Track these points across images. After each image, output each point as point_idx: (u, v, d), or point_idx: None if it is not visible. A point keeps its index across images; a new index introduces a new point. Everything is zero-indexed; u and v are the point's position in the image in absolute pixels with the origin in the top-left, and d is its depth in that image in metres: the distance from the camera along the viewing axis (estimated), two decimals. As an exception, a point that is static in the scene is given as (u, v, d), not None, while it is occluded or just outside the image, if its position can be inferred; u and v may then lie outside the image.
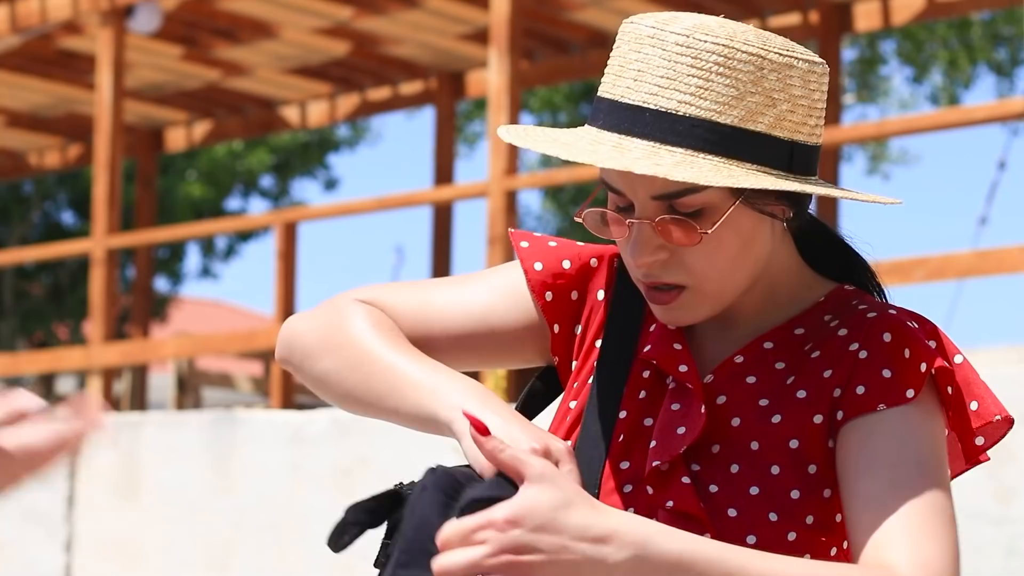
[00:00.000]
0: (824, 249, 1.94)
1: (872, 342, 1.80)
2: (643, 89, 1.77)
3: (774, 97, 1.77)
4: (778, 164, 1.78)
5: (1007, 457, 5.98)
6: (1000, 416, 1.82)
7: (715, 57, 1.76)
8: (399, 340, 1.89)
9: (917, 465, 1.74)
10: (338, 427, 7.91)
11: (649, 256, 1.80)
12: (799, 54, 1.80)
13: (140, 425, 8.96)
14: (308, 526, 8.02)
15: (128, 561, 8.83)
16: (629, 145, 1.76)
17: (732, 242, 1.79)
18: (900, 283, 7.61)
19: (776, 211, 1.81)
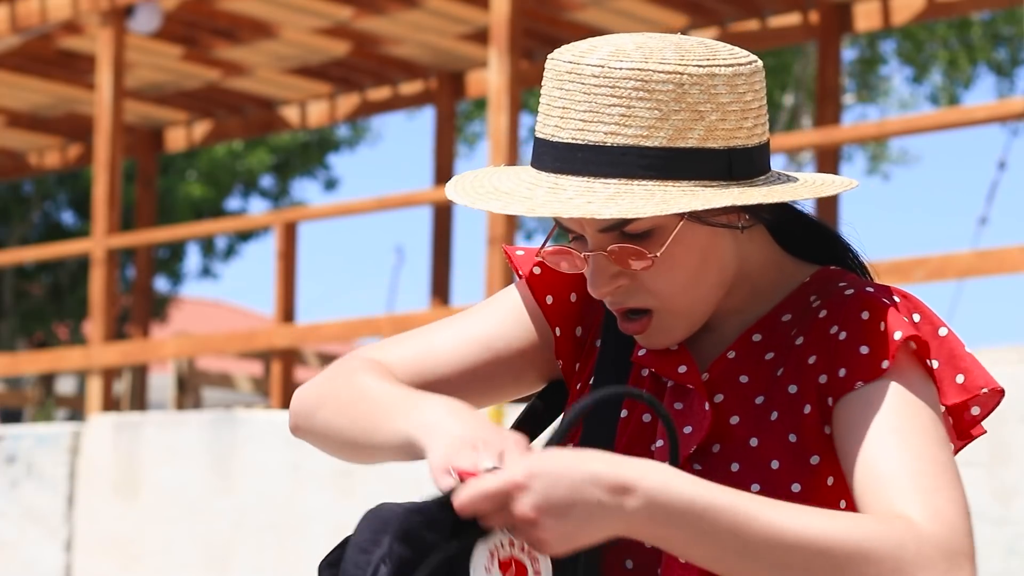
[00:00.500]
0: (804, 235, 1.94)
1: (850, 322, 1.80)
2: (570, 126, 1.77)
3: (700, 110, 1.76)
4: (717, 175, 1.76)
5: (1007, 457, 5.98)
6: (988, 388, 1.81)
7: (632, 83, 1.75)
8: (388, 378, 1.88)
9: (912, 426, 1.74)
10: (338, 427, 7.92)
11: (607, 285, 1.80)
12: (721, 60, 1.78)
13: (140, 425, 8.96)
14: (308, 526, 8.02)
15: (128, 561, 8.83)
16: (564, 184, 1.77)
17: (688, 258, 1.79)
18: (900, 283, 7.61)
19: (728, 220, 1.81)
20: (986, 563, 5.97)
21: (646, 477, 1.62)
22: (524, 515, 1.60)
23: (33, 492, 9.20)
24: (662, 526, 1.63)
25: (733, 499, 1.64)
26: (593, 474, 1.61)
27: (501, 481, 1.60)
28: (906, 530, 1.65)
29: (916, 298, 1.84)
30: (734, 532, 1.63)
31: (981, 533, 5.99)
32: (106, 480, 8.97)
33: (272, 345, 10.04)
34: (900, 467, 1.71)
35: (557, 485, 1.60)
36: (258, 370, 18.09)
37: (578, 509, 1.61)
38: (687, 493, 1.63)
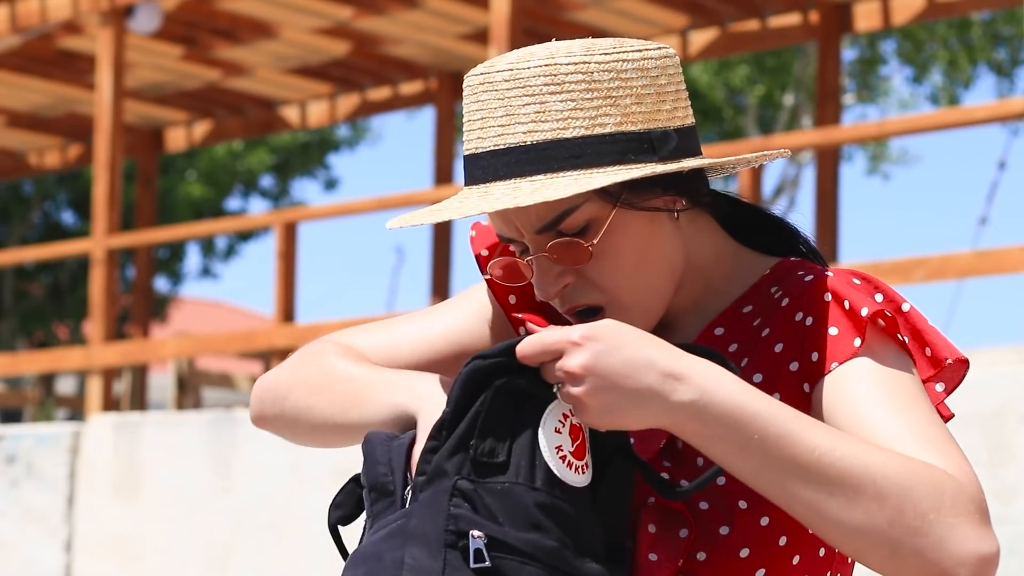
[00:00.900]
0: (755, 227, 1.95)
1: (814, 307, 1.81)
2: (490, 134, 1.79)
3: (613, 96, 1.78)
4: (640, 157, 1.78)
5: (1007, 457, 5.98)
6: (952, 359, 1.81)
7: (542, 79, 1.77)
8: (363, 360, 1.90)
9: (898, 394, 1.74)
10: (338, 427, 7.92)
11: (554, 286, 1.81)
12: (629, 48, 1.80)
13: (140, 425, 8.96)
14: (308, 526, 8.02)
15: (128, 561, 8.83)
16: (492, 189, 1.78)
17: (629, 247, 1.80)
18: (900, 283, 7.60)
19: (661, 204, 1.82)
20: (986, 563, 5.97)
21: (702, 373, 1.64)
22: (571, 370, 1.62)
23: (33, 492, 9.20)
24: (707, 424, 1.63)
25: (786, 412, 1.65)
26: (649, 356, 1.63)
27: (560, 336, 1.62)
28: (946, 477, 1.65)
29: (875, 278, 1.84)
30: (781, 445, 1.63)
31: (981, 533, 5.99)
32: (106, 480, 8.97)
33: (272, 345, 10.04)
34: (904, 433, 1.71)
35: (612, 354, 1.62)
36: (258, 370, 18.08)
37: (627, 384, 1.62)
38: (742, 396, 1.64)
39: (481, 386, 1.65)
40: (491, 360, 1.65)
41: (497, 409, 1.65)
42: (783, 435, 1.63)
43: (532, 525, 1.63)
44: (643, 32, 11.06)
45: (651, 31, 11.07)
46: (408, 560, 1.62)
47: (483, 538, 1.62)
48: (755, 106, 21.42)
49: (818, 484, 1.63)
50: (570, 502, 1.66)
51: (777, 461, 1.63)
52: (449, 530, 1.62)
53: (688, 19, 10.94)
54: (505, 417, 1.65)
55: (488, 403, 1.65)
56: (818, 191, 10.52)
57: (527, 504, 1.63)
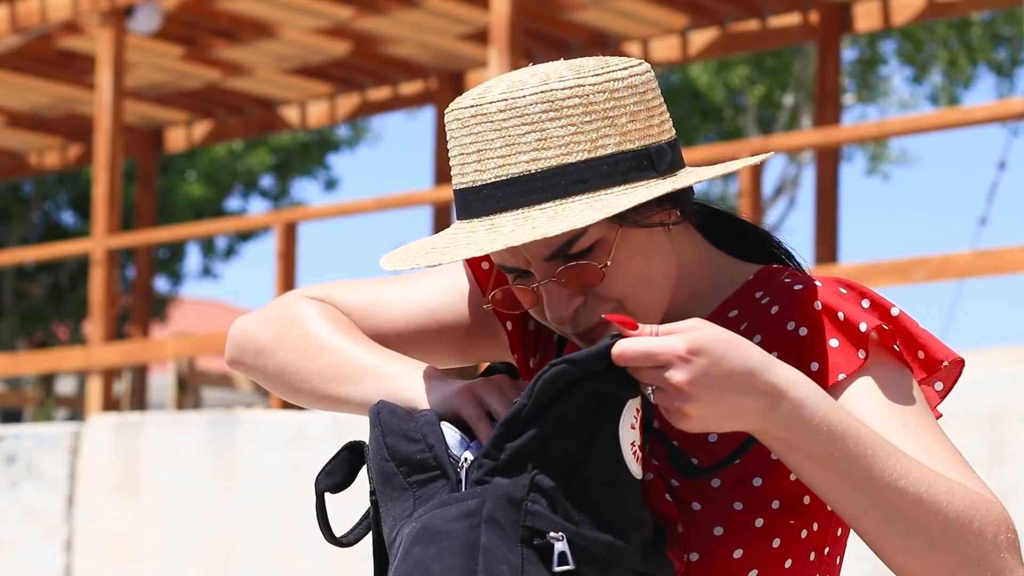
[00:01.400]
0: (734, 235, 1.96)
1: (807, 317, 1.82)
2: (490, 166, 1.78)
3: (610, 116, 1.78)
4: (642, 174, 1.79)
5: (1007, 457, 5.97)
6: (948, 360, 1.83)
7: (539, 107, 1.77)
8: (353, 330, 1.91)
9: (919, 419, 1.77)
10: (338, 427, 7.91)
11: (567, 309, 1.81)
12: (615, 66, 1.80)
13: (140, 425, 8.96)
14: (308, 526, 8.02)
15: (128, 561, 8.83)
16: (500, 222, 1.77)
17: (634, 263, 1.81)
18: (900, 283, 7.61)
19: (661, 218, 1.82)
20: (986, 563, 5.97)
21: (797, 386, 1.66)
22: (679, 385, 1.63)
23: (33, 492, 9.20)
24: (797, 435, 1.66)
25: (870, 435, 1.68)
26: (751, 369, 1.65)
27: (666, 347, 1.63)
28: (1000, 511, 1.70)
29: (860, 285, 1.86)
30: (862, 465, 1.67)
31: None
32: (106, 480, 8.97)
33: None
34: (933, 460, 1.74)
35: (717, 367, 1.63)
36: (258, 370, 18.06)
37: (728, 398, 1.64)
38: (831, 415, 1.67)
39: (567, 387, 1.65)
40: (582, 367, 1.64)
41: (579, 409, 1.65)
42: (864, 456, 1.67)
43: (606, 524, 1.64)
44: (643, 32, 11.06)
45: (651, 31, 11.07)
46: (485, 542, 1.62)
47: (563, 540, 1.62)
48: (755, 106, 21.42)
49: (889, 507, 1.67)
50: (637, 496, 1.68)
51: (854, 481, 1.67)
52: (525, 525, 1.63)
53: (688, 19, 10.93)
54: (585, 417, 1.65)
55: (572, 403, 1.65)
56: (818, 191, 10.51)
57: (601, 504, 1.64)
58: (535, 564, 1.63)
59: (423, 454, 1.70)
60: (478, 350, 2.01)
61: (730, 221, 1.97)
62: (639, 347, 1.64)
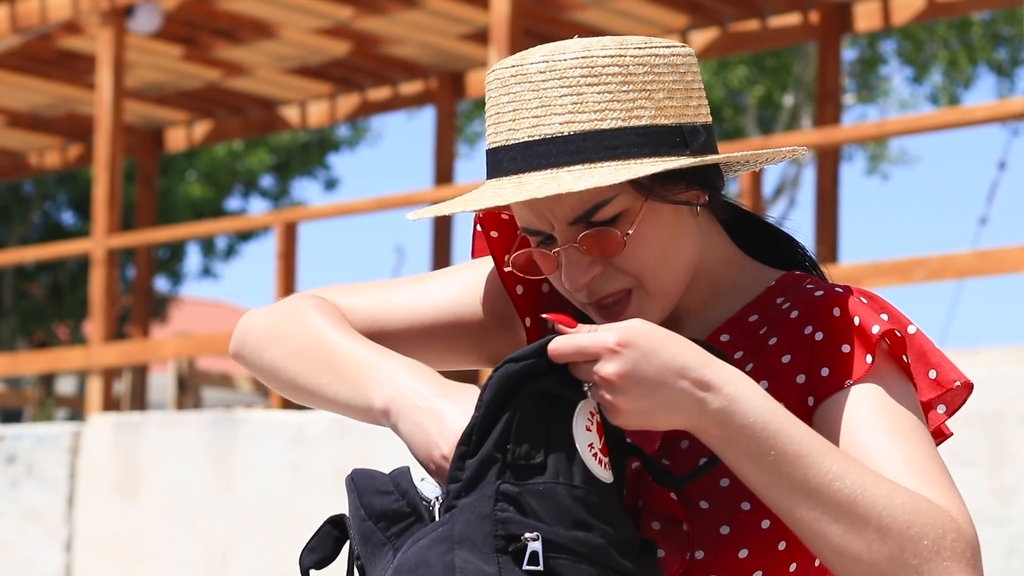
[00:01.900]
0: (763, 240, 1.97)
1: (825, 322, 1.82)
2: (524, 125, 1.79)
3: (648, 89, 1.79)
4: (672, 150, 1.79)
5: (1007, 457, 5.98)
6: (960, 382, 1.83)
7: (579, 71, 1.78)
8: (346, 327, 1.88)
9: (903, 424, 1.76)
10: (338, 427, 7.91)
11: (584, 275, 1.82)
12: (658, 44, 1.82)
13: (140, 425, 8.96)
14: (308, 526, 8.02)
15: (128, 561, 8.83)
16: (528, 179, 1.78)
17: (656, 237, 1.81)
18: (900, 283, 7.61)
19: (689, 198, 1.83)
20: (986, 563, 5.96)
21: (732, 383, 1.67)
22: (608, 377, 1.64)
23: (33, 492, 9.20)
24: (732, 432, 1.67)
25: (807, 434, 1.68)
26: (684, 365, 1.66)
27: (594, 341, 1.64)
28: (949, 520, 1.68)
29: (881, 298, 1.86)
30: (797, 465, 1.67)
31: (981, 533, 5.99)
32: (106, 480, 8.97)
33: (272, 345, 10.02)
34: (902, 466, 1.73)
35: (648, 360, 1.65)
36: (258, 370, 18.05)
37: (660, 392, 1.65)
38: (766, 412, 1.67)
39: (513, 389, 1.65)
40: (523, 363, 1.65)
41: (530, 411, 1.66)
42: (800, 455, 1.67)
43: (577, 524, 1.64)
44: (643, 32, 11.06)
45: (651, 31, 11.06)
46: (459, 563, 1.61)
47: (538, 539, 1.62)
48: (755, 106, 21.42)
49: (825, 507, 1.66)
50: (605, 499, 1.67)
51: (789, 479, 1.67)
52: (498, 535, 1.62)
53: (688, 19, 10.94)
54: (538, 419, 1.66)
55: (521, 405, 1.65)
56: (818, 191, 10.52)
57: (569, 504, 1.64)
58: (512, 571, 1.62)
59: (397, 503, 1.70)
60: (494, 347, 2.00)
61: (757, 224, 1.97)
62: (571, 342, 1.65)
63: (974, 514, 5.97)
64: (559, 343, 1.66)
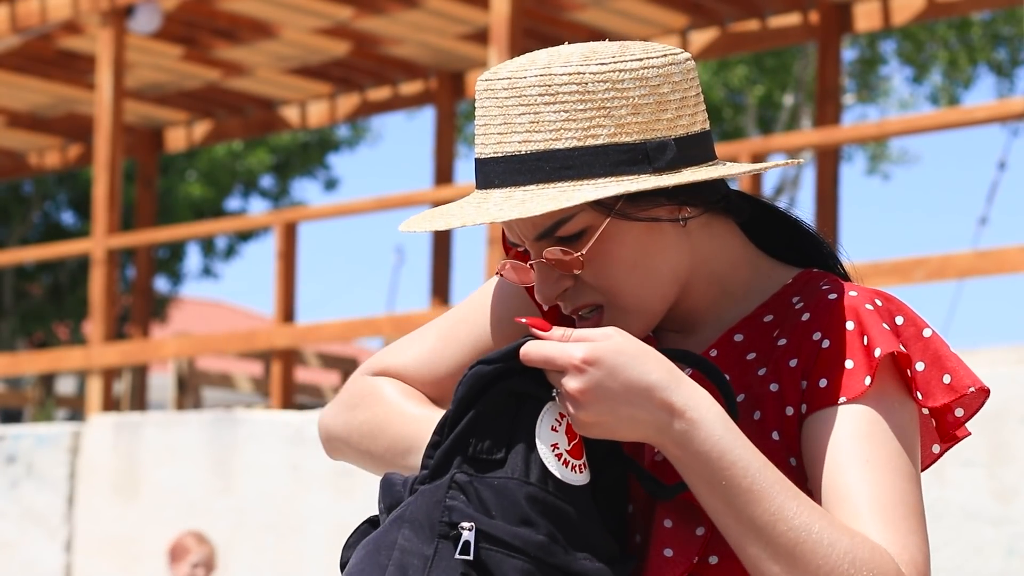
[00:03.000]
0: (783, 237, 1.95)
1: (833, 330, 1.81)
2: (490, 141, 1.81)
3: (607, 107, 1.78)
4: (633, 168, 1.78)
5: (1007, 457, 5.98)
6: (975, 387, 1.81)
7: (536, 89, 1.78)
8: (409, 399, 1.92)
9: (887, 458, 1.75)
10: (338, 427, 7.91)
11: (553, 289, 1.83)
12: (630, 56, 1.79)
13: (140, 425, 8.96)
14: (308, 526, 8.02)
15: (128, 561, 8.83)
16: (490, 196, 1.80)
17: (621, 255, 1.81)
18: (900, 283, 7.61)
19: (665, 213, 1.82)
20: (986, 563, 5.97)
21: (696, 407, 1.69)
22: (571, 393, 1.67)
23: (33, 492, 9.20)
24: (689, 456, 1.69)
25: (761, 470, 1.68)
26: (650, 385, 1.67)
27: (562, 354, 1.67)
28: (893, 570, 1.68)
29: (898, 300, 1.84)
30: (745, 499, 1.68)
31: (981, 533, 5.99)
32: (106, 480, 8.97)
33: (272, 345, 10.04)
34: (871, 503, 1.73)
35: (613, 378, 1.67)
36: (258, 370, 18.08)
37: (623, 410, 1.67)
38: (724, 442, 1.68)
39: (484, 387, 1.70)
40: (494, 366, 1.70)
41: (496, 408, 1.70)
42: (750, 490, 1.68)
43: (523, 519, 1.67)
44: (643, 32, 11.06)
45: (651, 31, 11.07)
46: (401, 541, 1.68)
47: (472, 530, 1.66)
48: (755, 106, 21.42)
49: (766, 547, 1.68)
50: (568, 499, 1.69)
51: (736, 512, 1.68)
52: (443, 521, 1.68)
53: (688, 19, 10.94)
54: (504, 416, 1.70)
55: (487, 402, 1.70)
56: (818, 191, 10.52)
57: (519, 499, 1.68)
58: (446, 559, 1.67)
59: (399, 493, 1.76)
60: None
61: (780, 221, 1.95)
62: (541, 351, 1.68)
63: (974, 514, 5.97)
64: (529, 349, 1.69)
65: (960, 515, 6.00)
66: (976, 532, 5.97)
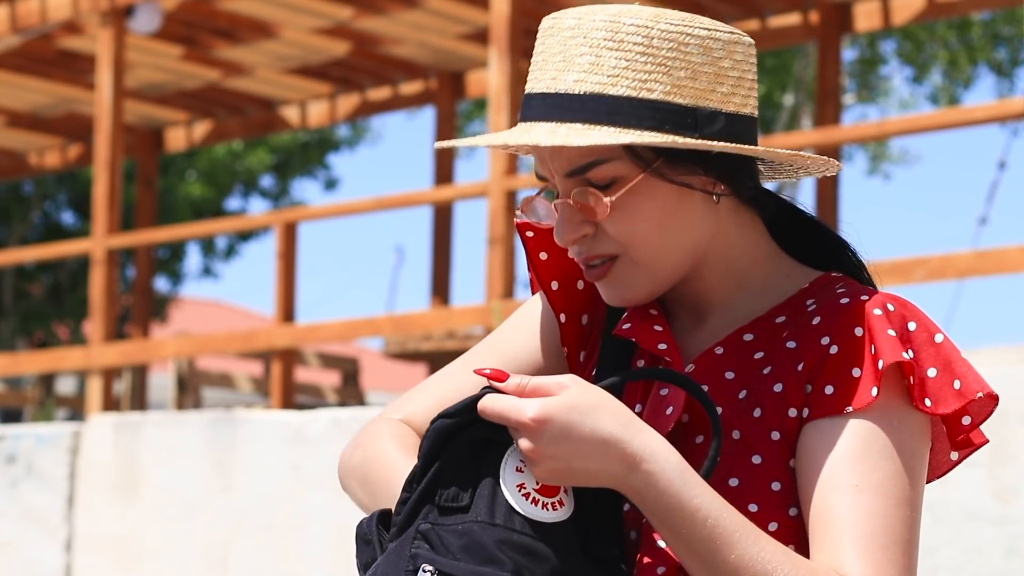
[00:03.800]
0: (807, 239, 1.95)
1: (842, 337, 1.80)
2: (546, 76, 1.83)
3: (668, 65, 1.79)
4: (679, 130, 1.79)
5: (1007, 457, 5.98)
6: (983, 393, 1.80)
7: (603, 33, 1.80)
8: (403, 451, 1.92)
9: (879, 483, 1.74)
10: (338, 427, 7.91)
11: (573, 233, 1.84)
12: (698, 24, 1.82)
13: (140, 425, 8.96)
14: (308, 526, 8.02)
15: (128, 561, 8.83)
16: (534, 128, 1.82)
17: (650, 211, 1.81)
18: (900, 283, 7.60)
19: (694, 182, 1.82)
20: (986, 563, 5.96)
21: (653, 460, 1.69)
22: (524, 450, 1.68)
23: (33, 492, 9.20)
24: (648, 504, 1.69)
25: (721, 517, 1.69)
26: (604, 439, 1.68)
27: (516, 414, 1.68)
28: None
29: (912, 304, 1.83)
30: (709, 547, 1.68)
31: (981, 533, 5.99)
32: (106, 480, 8.97)
33: (272, 345, 10.03)
34: (854, 530, 1.73)
35: (567, 436, 1.68)
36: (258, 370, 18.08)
37: (577, 465, 1.68)
38: (683, 492, 1.68)
39: (446, 441, 1.72)
40: (454, 420, 1.72)
41: (461, 457, 1.72)
42: (711, 538, 1.68)
43: (488, 559, 1.69)
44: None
45: (651, 31, 11.06)
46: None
47: (434, 572, 1.68)
48: (755, 106, 21.41)
49: None
50: (542, 537, 1.71)
51: (700, 559, 1.69)
52: (408, 570, 1.69)
53: (688, 19, 10.93)
54: (469, 464, 1.72)
55: (451, 453, 1.72)
56: (818, 191, 10.51)
57: (483, 540, 1.69)
58: None
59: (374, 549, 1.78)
60: None
61: (805, 223, 1.95)
62: (495, 408, 1.69)
63: (974, 514, 5.97)
64: (486, 404, 1.70)
65: (960, 515, 6.00)
66: (976, 532, 5.97)
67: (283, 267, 10.13)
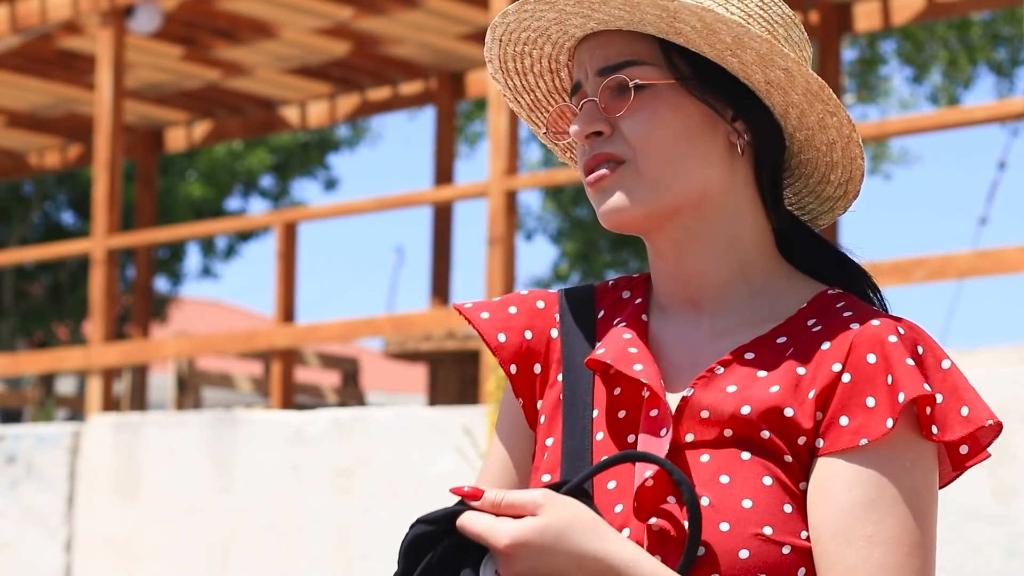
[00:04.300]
0: (809, 251, 1.93)
1: (854, 364, 1.77)
2: None
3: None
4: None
5: (1007, 457, 5.98)
6: (991, 421, 1.79)
7: None
8: None
9: (891, 531, 1.74)
10: (338, 427, 7.91)
11: (589, 126, 1.84)
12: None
13: (140, 425, 8.96)
14: (308, 526, 8.02)
15: (128, 561, 8.83)
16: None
17: (670, 121, 1.81)
18: (900, 283, 7.60)
19: (718, 106, 1.83)
20: (986, 563, 5.97)
21: (628, 572, 1.69)
22: (503, 573, 1.70)
23: (33, 492, 9.20)
24: None
25: None
26: (580, 557, 1.69)
27: (491, 538, 1.69)
28: None
29: (919, 327, 1.81)
30: None
31: (981, 533, 5.99)
32: (106, 480, 8.97)
33: (272, 345, 10.03)
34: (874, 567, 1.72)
35: (541, 559, 1.68)
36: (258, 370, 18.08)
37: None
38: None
39: (429, 547, 1.75)
40: (434, 527, 1.74)
41: (442, 562, 1.74)
42: None
43: None
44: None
45: (651, 31, 11.07)
46: None
47: None
48: (755, 106, 21.42)
49: None
50: None
51: None
52: None
53: (688, 19, 10.94)
54: (450, 568, 1.74)
55: (433, 558, 1.75)
56: (818, 191, 10.50)
57: None
58: None
59: None
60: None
61: (809, 237, 1.94)
62: (474, 526, 1.70)
63: (974, 514, 5.97)
64: (465, 520, 1.70)
65: (960, 515, 6.00)
66: (976, 532, 5.97)
67: (283, 267, 10.12)
